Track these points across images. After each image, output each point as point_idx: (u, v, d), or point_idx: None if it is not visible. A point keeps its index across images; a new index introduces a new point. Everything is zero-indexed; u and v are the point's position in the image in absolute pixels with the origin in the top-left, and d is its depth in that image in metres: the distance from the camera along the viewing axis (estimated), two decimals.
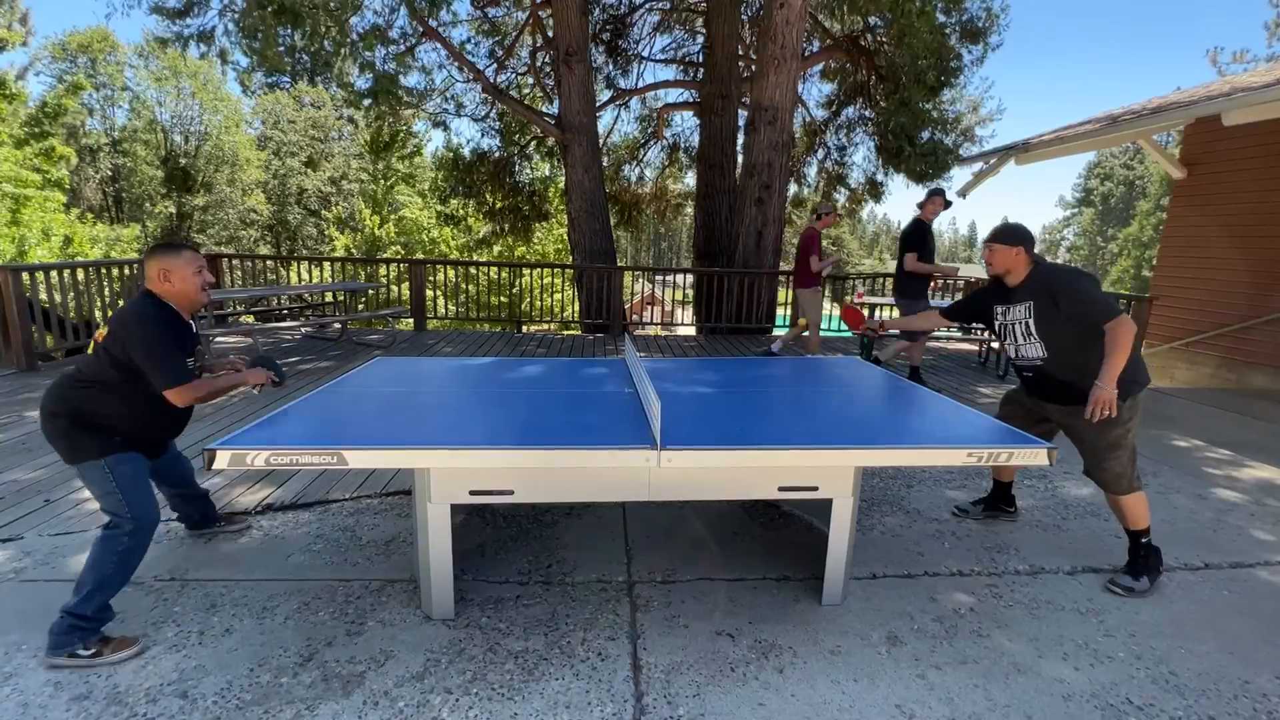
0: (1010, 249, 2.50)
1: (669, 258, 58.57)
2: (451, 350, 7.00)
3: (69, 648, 1.89)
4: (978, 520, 3.07)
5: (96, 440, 2.02)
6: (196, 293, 2.14)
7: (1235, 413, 5.30)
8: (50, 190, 14.80)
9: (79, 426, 2.01)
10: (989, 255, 2.55)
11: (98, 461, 2.00)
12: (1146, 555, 2.48)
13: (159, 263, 2.08)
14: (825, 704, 1.84)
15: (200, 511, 2.65)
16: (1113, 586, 2.46)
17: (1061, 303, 2.37)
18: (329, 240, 25.44)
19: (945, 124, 10.70)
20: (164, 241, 2.25)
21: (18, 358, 5.28)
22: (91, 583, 1.92)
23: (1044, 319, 2.43)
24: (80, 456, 2.01)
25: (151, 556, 2.35)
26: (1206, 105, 5.80)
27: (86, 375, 2.04)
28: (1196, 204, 7.37)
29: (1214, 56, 21.67)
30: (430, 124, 11.58)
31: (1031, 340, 2.48)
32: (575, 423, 2.26)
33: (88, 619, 1.92)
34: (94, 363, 2.04)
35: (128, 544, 1.98)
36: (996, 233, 2.56)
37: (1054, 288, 2.40)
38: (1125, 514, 2.47)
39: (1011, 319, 2.54)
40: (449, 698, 1.81)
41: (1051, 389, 2.50)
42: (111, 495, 2.00)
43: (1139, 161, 48.63)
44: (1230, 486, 3.59)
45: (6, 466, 3.33)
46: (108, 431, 2.03)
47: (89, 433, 2.01)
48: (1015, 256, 2.49)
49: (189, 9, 8.25)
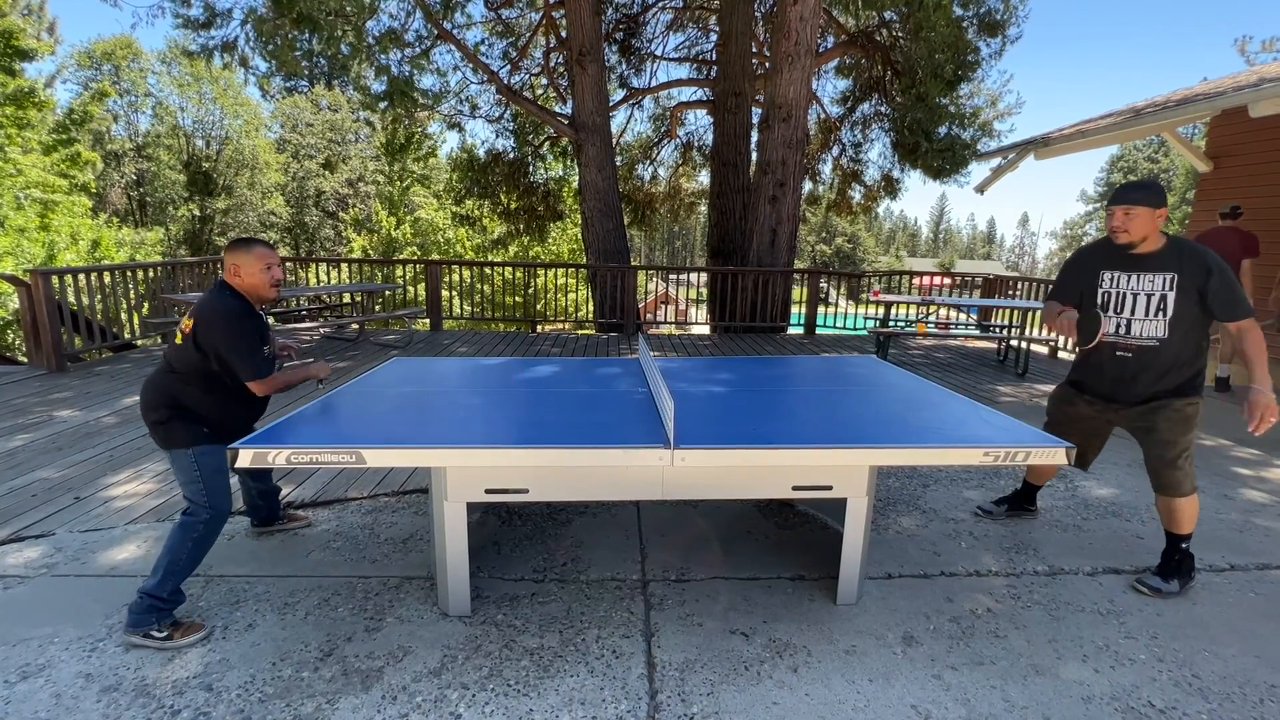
0: (1153, 212, 2.19)
1: (683, 256, 58.49)
2: (467, 350, 7.06)
3: (146, 627, 2.01)
4: (999, 520, 3.02)
5: (188, 430, 2.13)
6: (265, 288, 2.24)
7: None
8: (77, 195, 15.16)
9: (175, 416, 2.13)
10: (1124, 220, 2.22)
11: (186, 451, 2.11)
12: (1182, 560, 2.42)
13: (231, 257, 2.20)
14: (840, 703, 1.83)
15: (270, 508, 2.74)
16: (1140, 586, 2.41)
17: (1213, 282, 2.12)
18: (346, 242, 25.75)
19: (963, 119, 10.55)
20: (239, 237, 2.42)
21: (48, 359, 5.42)
22: (166, 565, 2.04)
23: (1187, 295, 2.17)
24: (173, 444, 2.12)
25: None
26: (1233, 96, 5.66)
27: (176, 366, 2.15)
28: (1223, 198, 7.20)
29: (1242, 46, 21.16)
30: (445, 125, 11.70)
31: (1158, 317, 2.22)
32: (589, 422, 2.28)
33: (164, 600, 2.03)
34: (181, 352, 2.15)
35: (203, 531, 2.10)
36: (1136, 190, 2.20)
37: (1208, 263, 2.15)
38: (1177, 517, 2.38)
39: (1137, 288, 2.25)
40: (466, 693, 1.84)
41: (1141, 380, 2.29)
42: (194, 484, 2.11)
43: (1163, 155, 47.60)
44: (1258, 487, 3.52)
45: (38, 465, 3.42)
46: (198, 421, 2.15)
47: (183, 422, 2.14)
48: (1156, 220, 2.20)
49: (212, 20, 8.41)
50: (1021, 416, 2.50)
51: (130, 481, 3.25)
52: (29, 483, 3.20)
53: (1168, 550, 2.44)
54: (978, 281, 9.66)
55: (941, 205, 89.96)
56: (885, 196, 12.85)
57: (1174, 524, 2.40)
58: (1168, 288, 2.23)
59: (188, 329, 2.13)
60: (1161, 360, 2.30)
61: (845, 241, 58.05)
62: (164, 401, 2.13)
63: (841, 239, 57.88)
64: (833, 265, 51.08)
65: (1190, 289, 2.21)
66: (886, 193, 12.71)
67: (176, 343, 2.17)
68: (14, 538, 2.65)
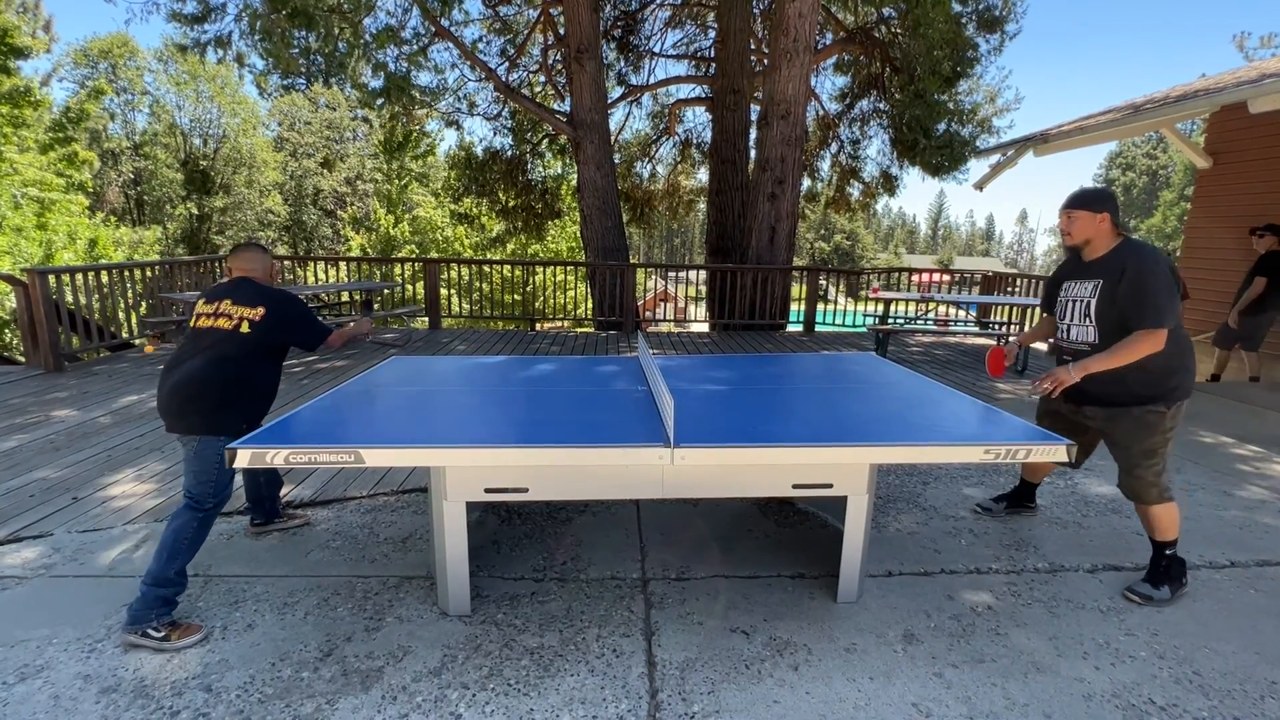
0: (1093, 216, 2.23)
1: (682, 254, 58.46)
2: (466, 348, 7.05)
3: (145, 624, 2.02)
4: (999, 518, 3.02)
5: (233, 418, 2.21)
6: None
7: (1264, 408, 5.18)
8: (74, 194, 15.11)
9: (226, 405, 2.20)
10: (1066, 223, 2.29)
11: (219, 439, 2.15)
12: (1169, 566, 2.38)
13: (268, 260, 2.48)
14: (841, 702, 1.83)
15: (274, 507, 2.76)
16: (1130, 594, 2.36)
17: (1123, 285, 2.16)
18: (344, 240, 25.71)
19: (961, 115, 10.54)
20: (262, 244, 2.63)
21: (45, 359, 5.40)
22: (171, 546, 2.10)
23: (1105, 300, 2.21)
24: (217, 430, 2.16)
25: None
26: (1233, 92, 5.64)
27: (234, 354, 2.22)
28: (1222, 194, 7.20)
29: (1241, 41, 21.13)
30: (443, 123, 11.67)
31: (1086, 323, 2.27)
32: (589, 421, 2.27)
33: (171, 580, 2.07)
34: (246, 338, 2.23)
35: (204, 517, 2.17)
36: (1076, 197, 2.28)
37: (1128, 264, 2.17)
38: (1154, 524, 2.35)
39: (1074, 295, 2.31)
40: (466, 693, 1.84)
41: (1086, 383, 2.31)
42: (211, 473, 2.17)
43: (1162, 151, 47.62)
44: (1258, 483, 3.52)
45: (36, 465, 3.41)
46: (245, 412, 2.26)
47: (231, 411, 2.21)
48: (1098, 224, 2.23)
49: (206, 15, 8.38)
50: (1021, 414, 2.49)
51: (128, 482, 3.24)
52: (26, 483, 3.18)
53: (1154, 557, 2.41)
54: (976, 278, 9.66)
55: (940, 202, 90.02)
56: (884, 193, 12.85)
57: (1152, 530, 2.37)
58: (1091, 294, 2.28)
59: (257, 317, 2.25)
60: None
61: (844, 239, 58.02)
62: (219, 392, 2.18)
63: (840, 236, 57.86)
64: (831, 263, 51.08)
65: (1109, 293, 2.23)
66: (885, 190, 12.70)
67: (243, 332, 2.23)
68: (12, 538, 2.64)
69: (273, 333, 2.28)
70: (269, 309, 2.27)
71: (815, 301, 8.82)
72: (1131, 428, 2.29)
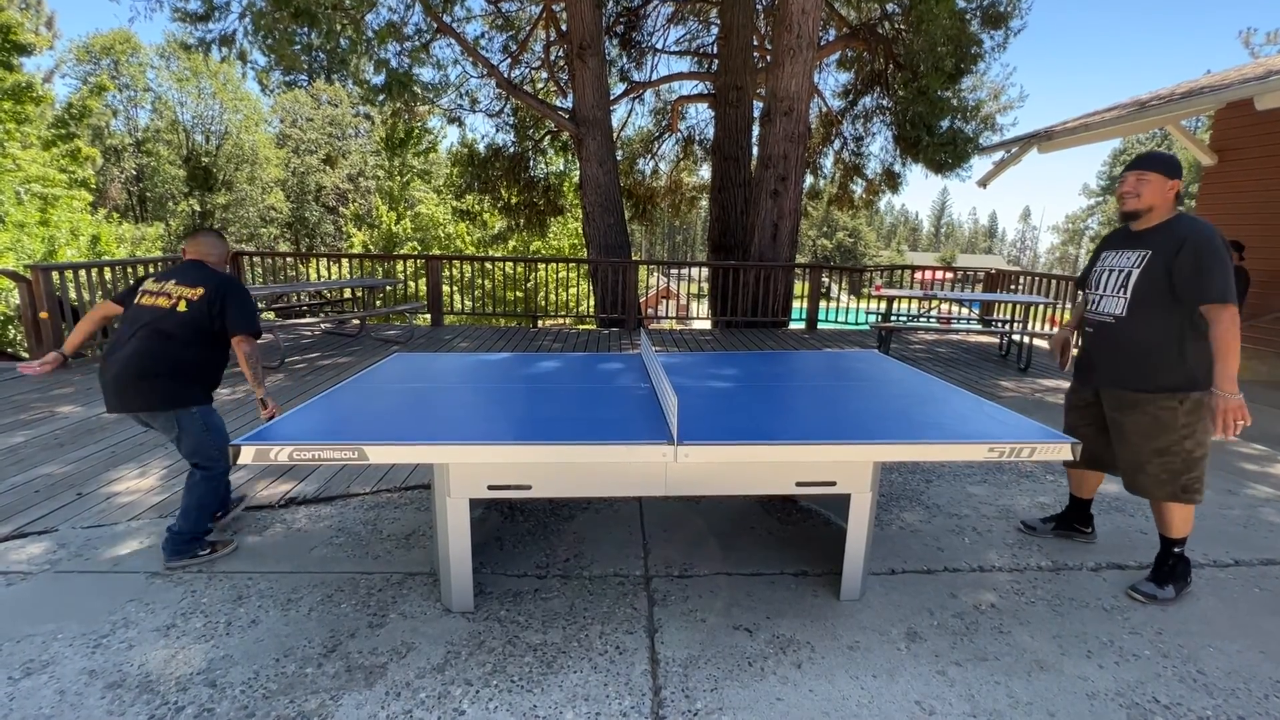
0: (1165, 181, 2.09)
1: (684, 251, 58.38)
2: (468, 345, 7.05)
3: (188, 555, 2.37)
4: (1042, 535, 2.80)
5: (194, 391, 2.37)
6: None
7: (1268, 406, 5.16)
8: (77, 190, 15.13)
9: (176, 378, 2.32)
10: (1135, 184, 2.12)
11: (192, 410, 2.31)
12: (1175, 565, 2.34)
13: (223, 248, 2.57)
14: (844, 699, 1.83)
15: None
16: (1134, 593, 2.33)
17: (1182, 255, 2.00)
18: (347, 237, 25.73)
19: (965, 112, 10.50)
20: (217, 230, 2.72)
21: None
22: (198, 506, 2.38)
23: (1152, 273, 2.06)
24: (179, 404, 2.33)
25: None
26: (1238, 89, 5.62)
27: (177, 332, 2.35)
28: (1227, 192, 7.16)
29: (1247, 38, 21.01)
30: (445, 120, 11.65)
31: (1119, 294, 2.13)
32: (592, 418, 2.27)
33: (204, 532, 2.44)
34: (185, 317, 2.33)
35: (218, 476, 2.41)
36: (1150, 158, 2.11)
37: (1185, 235, 2.02)
38: (1166, 519, 2.28)
39: (1113, 265, 2.18)
40: (469, 689, 1.84)
41: (1101, 361, 2.19)
42: (205, 437, 2.36)
43: (1167, 148, 47.37)
44: (1263, 482, 3.51)
45: (40, 461, 3.42)
46: (196, 381, 2.38)
47: (181, 383, 2.34)
48: (1167, 192, 2.10)
49: (210, 13, 8.37)
50: (1024, 411, 2.48)
51: (132, 478, 3.24)
52: (31, 479, 3.20)
53: (1160, 554, 2.37)
54: (979, 276, 9.64)
55: (943, 199, 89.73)
56: (887, 190, 12.81)
57: (1163, 526, 2.33)
58: (1136, 264, 2.13)
59: (195, 296, 2.35)
60: (1117, 340, 2.20)
61: (846, 236, 57.90)
62: (164, 367, 2.30)
63: (843, 233, 57.73)
64: (834, 260, 50.98)
65: (1158, 265, 2.08)
66: (888, 187, 12.66)
67: (180, 310, 2.32)
68: (17, 534, 2.65)
69: (206, 311, 2.34)
70: (208, 289, 2.36)
71: (818, 299, 8.80)
72: (1143, 420, 2.22)
